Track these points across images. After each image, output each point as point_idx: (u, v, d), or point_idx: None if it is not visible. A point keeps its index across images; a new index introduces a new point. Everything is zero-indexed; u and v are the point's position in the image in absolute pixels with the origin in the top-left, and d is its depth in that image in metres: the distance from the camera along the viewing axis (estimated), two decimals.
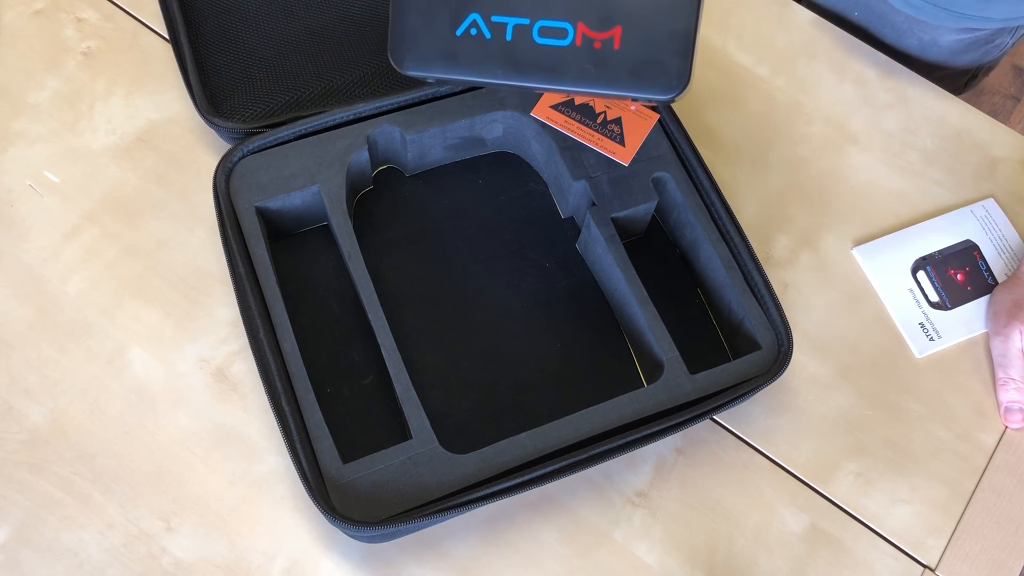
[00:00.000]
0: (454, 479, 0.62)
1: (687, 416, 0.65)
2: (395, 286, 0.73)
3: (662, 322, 0.68)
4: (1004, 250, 0.80)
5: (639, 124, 0.74)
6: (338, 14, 0.81)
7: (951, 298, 0.77)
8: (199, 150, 0.77)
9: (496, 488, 0.61)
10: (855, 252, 0.79)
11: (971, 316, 0.77)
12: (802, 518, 0.69)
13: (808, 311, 0.76)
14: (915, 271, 0.78)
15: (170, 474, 0.66)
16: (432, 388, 0.69)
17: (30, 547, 0.64)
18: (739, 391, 0.66)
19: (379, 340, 0.66)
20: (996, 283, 0.78)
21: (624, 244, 0.72)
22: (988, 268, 0.79)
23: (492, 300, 0.73)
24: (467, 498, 0.61)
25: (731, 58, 0.87)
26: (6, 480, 0.65)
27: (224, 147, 0.77)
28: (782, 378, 0.72)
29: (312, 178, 0.71)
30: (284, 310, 0.66)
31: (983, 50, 0.93)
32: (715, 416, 0.72)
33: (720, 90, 0.85)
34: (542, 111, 0.74)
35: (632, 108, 0.74)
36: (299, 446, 0.62)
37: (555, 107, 0.74)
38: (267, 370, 0.64)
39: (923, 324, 0.76)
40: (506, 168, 0.79)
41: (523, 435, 0.64)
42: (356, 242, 0.69)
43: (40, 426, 0.67)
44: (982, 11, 0.85)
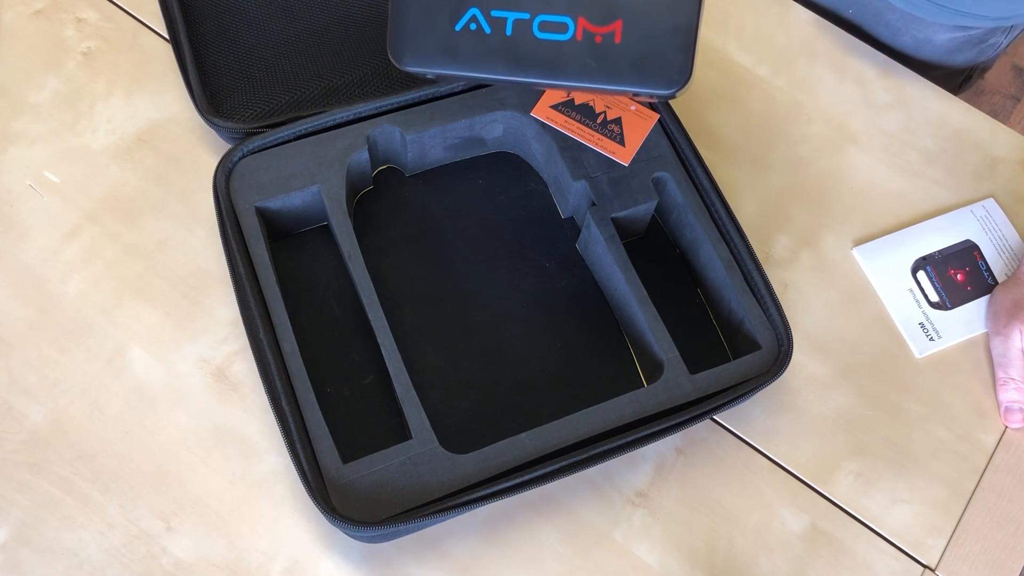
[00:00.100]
0: (454, 479, 0.62)
1: (687, 416, 0.65)
2: (395, 286, 0.73)
3: (662, 322, 0.68)
4: (1004, 250, 0.80)
5: (639, 124, 0.74)
6: (338, 14, 0.81)
7: (951, 298, 0.77)
8: (199, 150, 0.77)
9: (496, 488, 0.61)
10: (855, 252, 0.79)
11: (971, 316, 0.77)
12: (802, 518, 0.69)
13: (808, 311, 0.76)
14: (915, 271, 0.78)
15: (170, 474, 0.66)
16: (432, 388, 0.69)
17: (30, 547, 0.64)
18: (739, 391, 0.66)
19: (379, 340, 0.66)
20: (996, 283, 0.78)
21: (624, 244, 0.72)
22: (988, 268, 0.79)
23: (492, 300, 0.73)
24: (467, 498, 0.61)
25: (731, 58, 0.87)
26: (6, 480, 0.65)
27: (224, 147, 0.77)
28: (782, 378, 0.72)
29: (312, 178, 0.71)
30: (284, 310, 0.66)
31: (977, 49, 0.93)
32: (715, 416, 0.72)
33: (720, 90, 0.85)
34: (542, 111, 0.74)
35: (632, 108, 0.74)
36: (299, 446, 0.62)
37: (555, 107, 0.74)
38: (267, 370, 0.64)
39: (923, 324, 0.76)
40: (506, 168, 0.79)
41: (523, 435, 0.64)
42: (356, 242, 0.69)
43: (40, 426, 0.67)
44: (976, 8, 0.85)
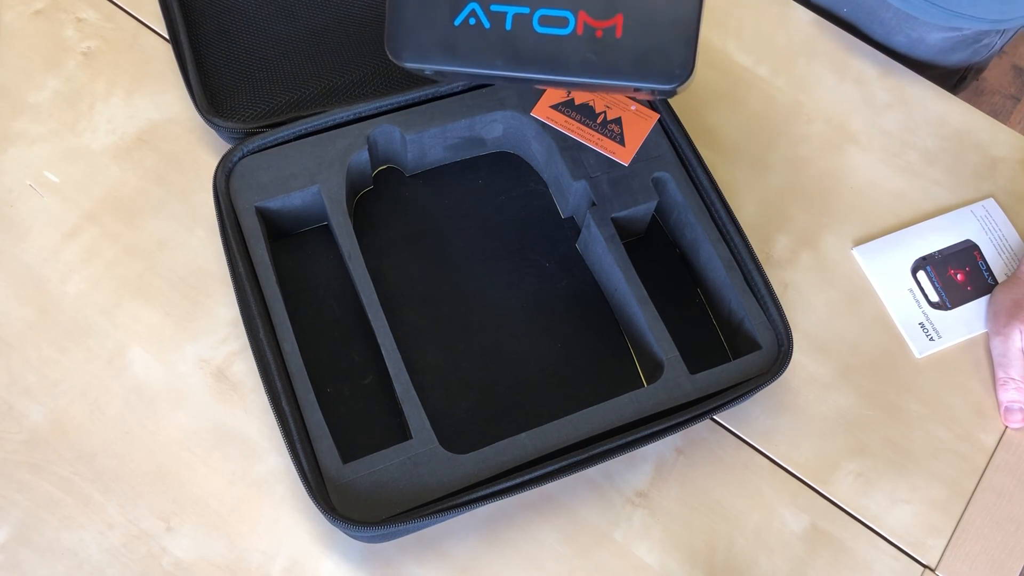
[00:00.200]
0: (454, 479, 0.62)
1: (687, 416, 0.65)
2: (395, 286, 0.73)
3: (662, 322, 0.68)
4: (1004, 250, 0.80)
5: (639, 124, 0.74)
6: (338, 14, 0.81)
7: (951, 298, 0.77)
8: (199, 150, 0.77)
9: (496, 488, 0.61)
10: (855, 252, 0.79)
11: (971, 316, 0.77)
12: (802, 518, 0.69)
13: (808, 311, 0.76)
14: (915, 271, 0.78)
15: (170, 474, 0.66)
16: (432, 388, 0.69)
17: (30, 547, 0.64)
18: (739, 391, 0.66)
19: (379, 340, 0.66)
20: (996, 283, 0.78)
21: (624, 244, 0.71)
22: (988, 268, 0.79)
23: (492, 300, 0.73)
24: (467, 498, 0.61)
25: (731, 58, 0.87)
26: (6, 480, 0.65)
27: (224, 147, 0.77)
28: (782, 378, 0.72)
29: (312, 178, 0.71)
30: (284, 310, 0.66)
31: (971, 49, 0.93)
32: (715, 416, 0.72)
33: (720, 90, 0.85)
34: (542, 111, 0.74)
35: (632, 108, 0.74)
36: (299, 446, 0.62)
37: (555, 107, 0.74)
38: (267, 370, 0.64)
39: (923, 324, 0.76)
40: (506, 168, 0.79)
41: (523, 435, 0.64)
42: (356, 242, 0.69)
43: (40, 426, 0.67)
44: (972, 10, 0.85)
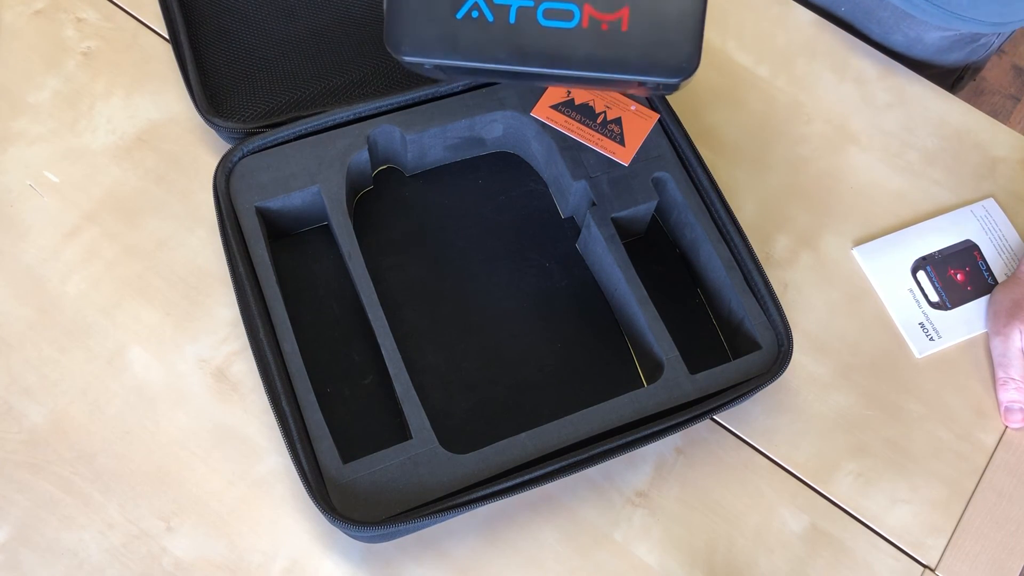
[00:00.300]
0: (454, 479, 0.62)
1: (687, 416, 0.65)
2: (395, 286, 0.73)
3: (662, 322, 0.68)
4: (1004, 250, 0.80)
5: (639, 124, 0.74)
6: (338, 14, 0.81)
7: (951, 298, 0.77)
8: (199, 150, 0.77)
9: (496, 488, 0.61)
10: (855, 252, 0.79)
11: (971, 316, 0.77)
12: (802, 518, 0.69)
13: (808, 311, 0.76)
14: (915, 271, 0.78)
15: (170, 474, 0.66)
16: (432, 388, 0.69)
17: (30, 547, 0.64)
18: (739, 391, 0.66)
19: (379, 340, 0.66)
20: (996, 283, 0.78)
21: (624, 244, 0.71)
22: (988, 268, 0.79)
23: (492, 300, 0.73)
24: (467, 498, 0.61)
25: (731, 58, 0.87)
26: (6, 480, 0.65)
27: (224, 147, 0.77)
28: (782, 378, 0.72)
29: (312, 178, 0.71)
30: (284, 310, 0.66)
31: (969, 49, 0.93)
32: (715, 416, 0.72)
33: (720, 90, 0.85)
34: (542, 111, 0.74)
35: (632, 108, 0.74)
36: (299, 446, 0.62)
37: (555, 107, 0.74)
38: (267, 370, 0.64)
39: (923, 324, 0.76)
40: (506, 168, 0.79)
41: (523, 435, 0.64)
42: (356, 242, 0.69)
43: (40, 426, 0.67)
44: (972, 12, 0.85)
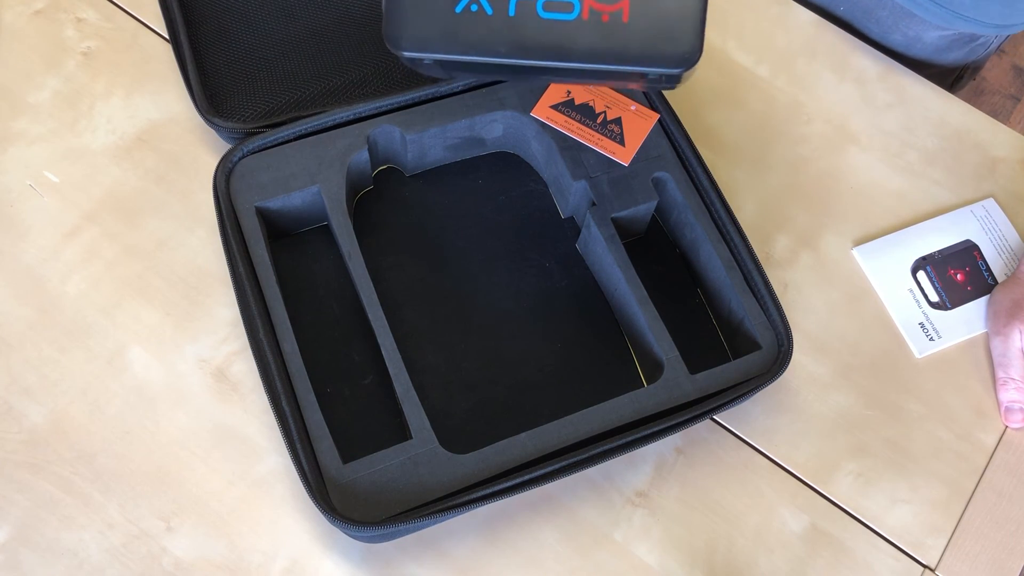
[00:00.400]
0: (454, 479, 0.62)
1: (687, 416, 0.65)
2: (395, 286, 0.73)
3: (662, 322, 0.68)
4: (1004, 250, 0.80)
5: (639, 124, 0.74)
6: (338, 14, 0.81)
7: (951, 298, 0.77)
8: (199, 150, 0.77)
9: (496, 488, 0.61)
10: (855, 252, 0.79)
11: (971, 316, 0.77)
12: (802, 518, 0.69)
13: (808, 311, 0.76)
14: (915, 271, 0.78)
15: (170, 474, 0.66)
16: (432, 388, 0.69)
17: (30, 547, 0.64)
18: (739, 391, 0.66)
19: (379, 340, 0.66)
20: (996, 283, 0.78)
21: (624, 244, 0.71)
22: (988, 268, 0.79)
23: (492, 300, 0.73)
24: (467, 498, 0.61)
25: (731, 58, 0.87)
26: (6, 480, 0.65)
27: (224, 147, 0.77)
28: (782, 378, 0.72)
29: (312, 178, 0.71)
30: (284, 310, 0.66)
31: (968, 48, 0.93)
32: (715, 416, 0.72)
33: (720, 90, 0.85)
34: (542, 111, 0.74)
35: (632, 108, 0.74)
36: (299, 446, 0.62)
37: (555, 107, 0.74)
38: (267, 370, 0.64)
39: (923, 324, 0.76)
40: (506, 168, 0.79)
41: (523, 435, 0.64)
42: (356, 242, 0.69)
43: (40, 426, 0.67)
44: (975, 12, 0.85)
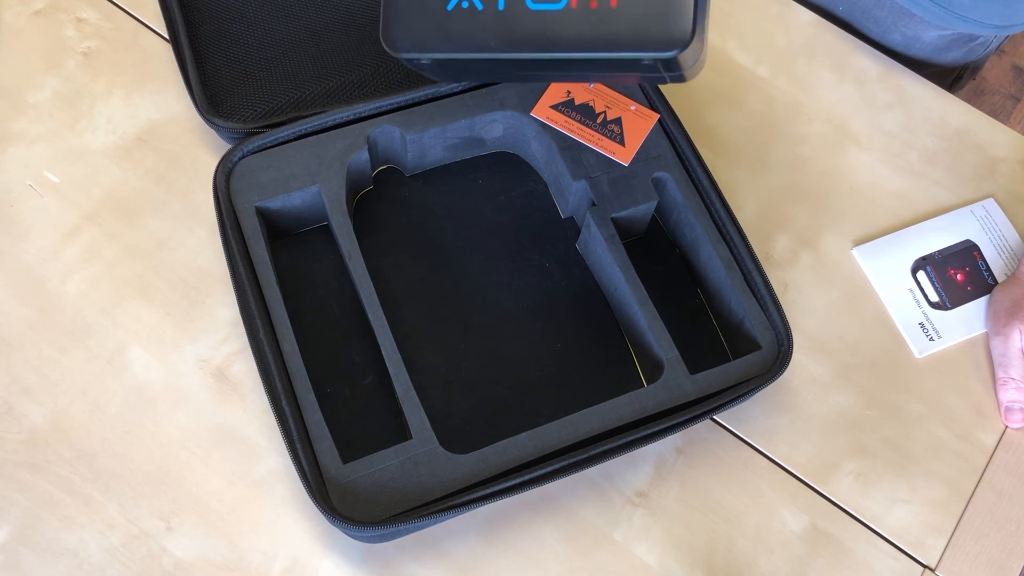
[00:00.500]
0: (454, 479, 0.62)
1: (687, 416, 0.65)
2: (395, 286, 0.73)
3: (662, 322, 0.68)
4: (1004, 250, 0.80)
5: (639, 124, 0.74)
6: (338, 14, 0.81)
7: (951, 298, 0.77)
8: (199, 150, 0.77)
9: (496, 488, 0.61)
10: (855, 252, 0.79)
11: (971, 316, 0.77)
12: (802, 518, 0.69)
13: (808, 311, 0.76)
14: (915, 271, 0.78)
15: (170, 474, 0.66)
16: (432, 388, 0.69)
17: (30, 547, 0.64)
18: (739, 391, 0.66)
19: (379, 340, 0.66)
20: (996, 283, 0.78)
21: (624, 244, 0.71)
22: (988, 268, 0.79)
23: (492, 300, 0.73)
24: (467, 498, 0.61)
25: (731, 58, 0.87)
26: (6, 480, 0.65)
27: (224, 147, 0.77)
28: (782, 378, 0.72)
29: (312, 178, 0.71)
30: (284, 310, 0.66)
31: (967, 48, 0.93)
32: (715, 416, 0.72)
33: (720, 90, 0.85)
34: (542, 111, 0.74)
35: (632, 108, 0.74)
36: (299, 446, 0.62)
37: (555, 107, 0.74)
38: (267, 370, 0.64)
39: (923, 324, 0.76)
40: (506, 168, 0.79)
41: (523, 435, 0.64)
42: (356, 242, 0.69)
43: (40, 426, 0.67)
44: (975, 13, 0.85)
